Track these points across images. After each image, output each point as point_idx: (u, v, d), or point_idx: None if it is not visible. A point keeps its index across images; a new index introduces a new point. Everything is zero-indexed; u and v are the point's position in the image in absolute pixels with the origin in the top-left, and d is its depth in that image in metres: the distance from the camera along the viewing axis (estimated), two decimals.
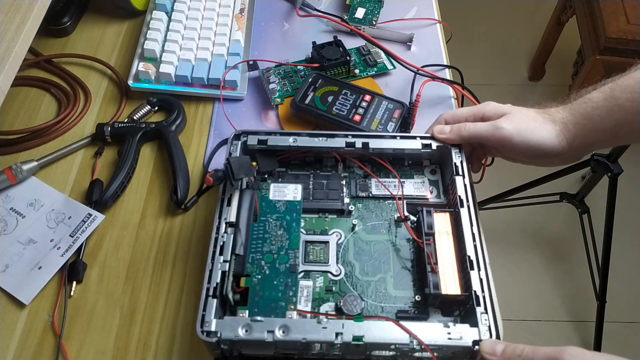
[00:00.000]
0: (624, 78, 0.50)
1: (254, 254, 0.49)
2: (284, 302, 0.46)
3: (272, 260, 0.48)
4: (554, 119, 0.52)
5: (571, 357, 0.37)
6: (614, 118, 0.49)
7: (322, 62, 0.69)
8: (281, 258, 0.48)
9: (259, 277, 0.47)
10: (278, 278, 0.47)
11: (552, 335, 1.35)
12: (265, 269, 0.48)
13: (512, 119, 0.52)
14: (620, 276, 1.37)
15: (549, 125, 0.52)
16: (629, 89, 0.48)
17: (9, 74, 0.52)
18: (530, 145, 0.51)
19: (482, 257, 0.48)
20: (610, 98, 0.49)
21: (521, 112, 0.53)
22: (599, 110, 0.49)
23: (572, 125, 0.51)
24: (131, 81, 0.69)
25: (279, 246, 0.49)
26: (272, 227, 0.50)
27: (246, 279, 0.47)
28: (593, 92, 0.51)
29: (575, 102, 0.52)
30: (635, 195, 1.54)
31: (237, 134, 0.56)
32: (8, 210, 0.60)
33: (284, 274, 0.47)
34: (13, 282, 0.55)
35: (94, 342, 0.52)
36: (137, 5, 0.78)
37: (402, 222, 0.54)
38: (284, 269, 0.48)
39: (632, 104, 0.48)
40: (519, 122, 0.52)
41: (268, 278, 0.47)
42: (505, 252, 1.48)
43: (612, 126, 0.49)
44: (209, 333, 0.43)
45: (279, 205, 0.52)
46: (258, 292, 0.47)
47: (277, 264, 0.48)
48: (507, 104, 0.55)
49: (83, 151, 0.66)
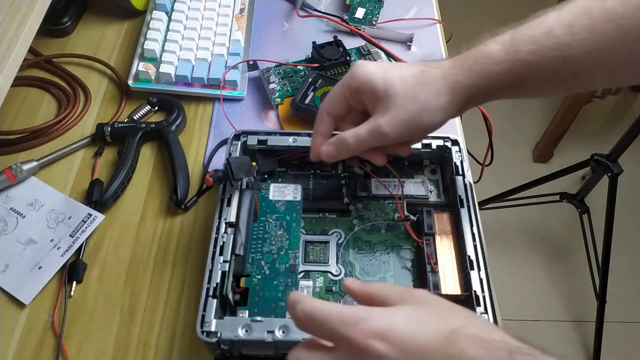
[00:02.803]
0: (526, 27, 0.43)
1: (254, 254, 0.49)
2: (284, 302, 0.46)
3: (272, 260, 0.48)
4: (441, 84, 0.44)
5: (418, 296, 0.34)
6: (515, 75, 0.43)
7: (322, 62, 0.69)
8: (281, 258, 0.48)
9: (258, 277, 0.47)
10: (278, 278, 0.47)
11: (552, 335, 1.35)
12: (265, 269, 0.48)
13: (393, 112, 0.44)
14: (620, 276, 1.37)
15: (435, 99, 0.44)
16: (533, 40, 0.42)
17: (9, 74, 0.52)
18: (416, 135, 0.47)
19: (482, 257, 0.48)
20: (512, 51, 0.42)
21: (401, 96, 0.44)
22: (499, 67, 0.43)
23: (463, 89, 0.44)
24: (131, 81, 0.69)
25: (278, 246, 0.49)
26: (272, 227, 0.50)
27: (246, 279, 0.47)
28: (490, 44, 0.44)
29: (471, 56, 0.44)
30: (635, 195, 1.54)
31: (237, 134, 0.56)
32: (8, 210, 0.60)
33: (284, 274, 0.47)
34: (13, 282, 0.55)
35: (94, 342, 0.52)
36: (137, 5, 0.78)
37: (402, 222, 0.54)
38: (284, 269, 0.48)
39: (536, 58, 0.41)
40: (401, 114, 0.44)
41: (268, 278, 0.47)
42: (505, 252, 1.48)
43: (510, 83, 0.43)
44: (209, 333, 0.43)
45: (278, 206, 0.52)
46: (258, 292, 0.47)
47: (277, 264, 0.48)
48: (380, 66, 0.47)
49: (83, 151, 0.66)
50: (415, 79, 0.45)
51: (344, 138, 0.46)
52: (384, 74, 0.45)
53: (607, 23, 0.40)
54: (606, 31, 0.40)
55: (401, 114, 0.44)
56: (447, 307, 0.34)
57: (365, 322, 0.31)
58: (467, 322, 0.32)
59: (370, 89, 0.45)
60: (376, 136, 0.45)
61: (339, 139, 0.47)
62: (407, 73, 0.45)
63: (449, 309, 0.34)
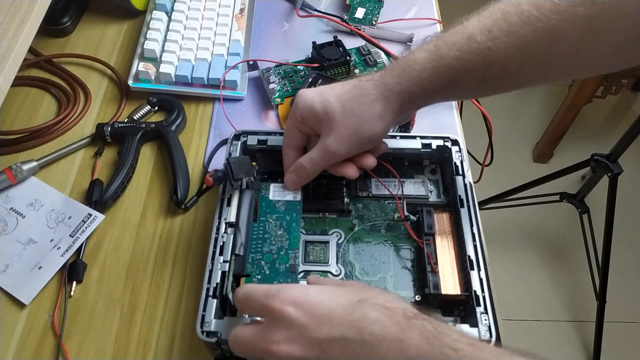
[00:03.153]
0: (448, 34, 0.45)
1: (254, 254, 0.49)
2: None
3: (272, 260, 0.48)
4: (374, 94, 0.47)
5: None
6: (442, 79, 0.45)
7: (322, 62, 0.69)
8: (281, 258, 0.48)
9: (259, 278, 0.47)
10: (278, 278, 0.47)
11: (552, 335, 1.35)
12: (266, 269, 0.48)
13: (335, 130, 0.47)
14: (620, 276, 1.37)
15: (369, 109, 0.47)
16: (456, 47, 0.44)
17: (9, 74, 0.52)
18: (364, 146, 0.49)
19: (482, 257, 0.48)
20: (437, 58, 0.45)
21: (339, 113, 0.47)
22: (426, 73, 0.45)
23: (395, 96, 0.46)
24: (131, 81, 0.69)
25: (278, 246, 0.49)
26: (272, 227, 0.50)
27: (246, 279, 0.47)
28: (417, 52, 0.46)
29: (400, 65, 0.47)
30: (635, 195, 1.54)
31: (237, 134, 0.56)
32: (8, 210, 0.60)
33: (284, 274, 0.47)
34: (13, 282, 0.55)
35: (94, 342, 0.52)
36: (137, 5, 0.78)
37: (402, 222, 0.54)
38: (284, 269, 0.47)
39: (460, 62, 0.44)
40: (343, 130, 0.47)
41: (268, 278, 0.47)
42: (505, 252, 1.48)
43: (440, 87, 0.46)
44: (209, 333, 0.43)
45: (278, 206, 0.52)
46: None
47: (277, 264, 0.48)
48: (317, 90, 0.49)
49: (83, 151, 0.66)
50: (349, 94, 0.47)
51: (300, 164, 0.50)
52: (320, 96, 0.48)
53: (525, 26, 0.42)
54: (525, 34, 0.42)
55: (343, 130, 0.47)
56: (363, 286, 0.39)
57: (283, 292, 0.36)
58: (376, 295, 0.36)
59: (311, 114, 0.48)
60: (327, 155, 0.48)
61: (297, 166, 0.51)
62: (341, 90, 0.48)
63: (365, 287, 0.38)
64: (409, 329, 0.34)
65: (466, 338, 0.34)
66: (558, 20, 0.41)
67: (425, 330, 0.34)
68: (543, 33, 0.41)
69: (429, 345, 0.33)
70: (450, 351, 0.33)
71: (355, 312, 0.35)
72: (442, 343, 0.33)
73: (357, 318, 0.34)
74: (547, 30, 0.41)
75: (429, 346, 0.33)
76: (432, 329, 0.34)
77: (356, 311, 0.35)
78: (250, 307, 0.39)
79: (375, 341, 0.34)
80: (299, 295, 0.36)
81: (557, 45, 0.42)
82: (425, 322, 0.34)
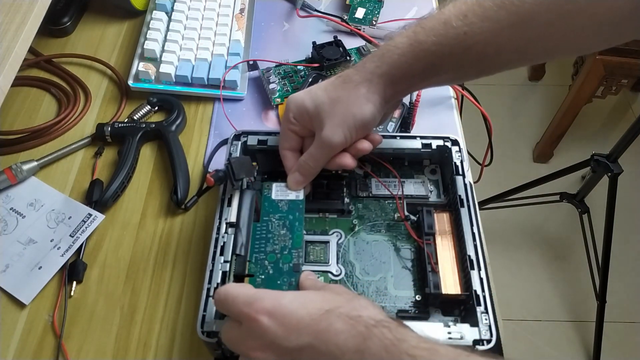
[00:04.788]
0: (427, 20, 0.47)
1: (257, 254, 0.48)
2: None
3: (276, 260, 0.48)
4: (357, 79, 0.48)
5: None
6: (422, 63, 0.46)
7: (322, 62, 0.69)
8: (284, 258, 0.48)
9: (262, 277, 0.47)
10: (282, 278, 0.47)
11: (552, 335, 1.35)
12: (269, 268, 0.47)
13: (328, 121, 0.48)
14: (620, 276, 1.37)
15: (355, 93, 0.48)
16: (434, 32, 0.45)
17: (9, 74, 0.52)
18: (358, 131, 0.49)
19: (482, 256, 0.48)
20: (416, 43, 0.46)
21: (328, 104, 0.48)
22: (406, 57, 0.46)
23: (378, 78, 0.47)
24: (131, 81, 0.69)
25: (282, 246, 0.49)
26: (275, 226, 0.50)
27: (250, 279, 0.47)
28: (397, 38, 0.47)
29: (381, 50, 0.48)
30: (635, 195, 1.54)
31: (237, 134, 0.56)
32: (8, 210, 0.60)
33: (288, 274, 0.47)
34: (13, 282, 0.55)
35: (94, 342, 0.52)
36: (137, 5, 0.78)
37: (402, 222, 0.54)
38: (288, 269, 0.47)
39: (438, 47, 0.45)
40: (334, 118, 0.48)
41: (272, 278, 0.47)
42: (505, 252, 1.48)
43: (421, 71, 0.47)
44: (210, 333, 0.44)
45: (281, 205, 0.52)
46: None
47: (281, 264, 0.47)
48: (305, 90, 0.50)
49: (83, 151, 0.66)
50: (334, 84, 0.49)
51: (303, 162, 0.51)
52: (309, 94, 0.49)
53: (499, 10, 0.42)
54: (500, 18, 0.43)
55: (333, 118, 0.48)
56: (335, 292, 0.40)
57: (259, 301, 0.37)
58: (343, 304, 0.37)
59: (303, 113, 0.50)
60: (325, 146, 0.49)
61: (300, 165, 0.51)
62: (327, 83, 0.50)
63: (336, 294, 0.40)
64: (369, 339, 0.35)
65: (425, 343, 0.34)
66: (532, 4, 0.41)
67: (385, 339, 0.34)
68: (517, 17, 0.42)
69: (387, 354, 0.34)
70: (407, 358, 0.33)
71: (321, 323, 0.36)
72: (400, 350, 0.34)
73: (322, 329, 0.36)
74: (521, 13, 0.42)
75: (387, 355, 0.34)
76: (391, 336, 0.35)
77: (323, 321, 0.36)
78: (228, 310, 0.40)
79: (338, 352, 0.35)
80: (272, 305, 0.37)
81: (533, 29, 0.42)
82: (384, 330, 0.35)
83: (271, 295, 0.38)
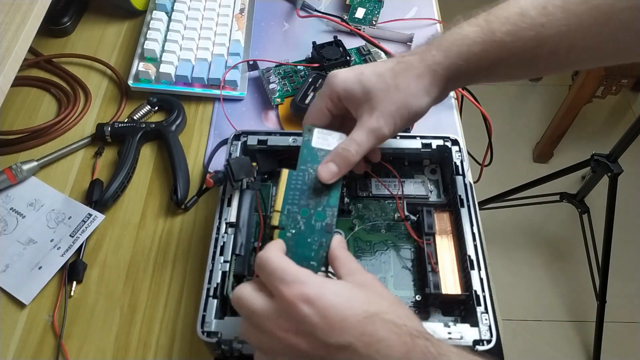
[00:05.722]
0: (499, 9, 0.44)
1: (290, 205, 0.44)
2: (316, 262, 0.42)
3: (309, 215, 0.43)
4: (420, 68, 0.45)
5: None
6: (492, 56, 0.43)
7: (322, 62, 0.69)
8: (318, 215, 0.44)
9: (293, 232, 0.43)
10: (313, 236, 0.43)
11: (552, 335, 1.35)
12: (301, 224, 0.43)
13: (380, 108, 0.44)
14: (620, 276, 1.37)
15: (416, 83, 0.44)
16: (509, 22, 0.42)
17: (9, 74, 0.52)
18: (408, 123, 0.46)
19: (483, 256, 0.48)
20: (489, 32, 0.43)
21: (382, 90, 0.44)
22: (476, 48, 0.43)
23: (443, 70, 0.44)
24: (131, 81, 0.69)
25: (316, 201, 0.44)
26: (312, 178, 0.45)
27: (279, 232, 0.43)
28: (466, 27, 0.44)
29: (447, 39, 0.45)
30: (635, 195, 1.54)
31: (237, 134, 0.56)
32: (8, 210, 0.60)
33: (319, 233, 0.43)
34: (13, 282, 0.55)
35: (94, 342, 0.52)
36: (137, 5, 0.78)
37: (402, 221, 0.54)
38: (320, 227, 0.43)
39: (511, 39, 0.42)
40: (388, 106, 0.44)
41: (302, 235, 0.43)
42: (505, 252, 1.48)
43: (488, 65, 0.44)
44: (210, 333, 0.44)
45: (321, 155, 0.46)
46: (291, 248, 0.42)
47: (313, 221, 0.43)
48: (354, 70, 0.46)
49: (83, 151, 0.66)
50: (393, 71, 0.45)
51: (342, 149, 0.45)
52: (360, 76, 0.45)
53: (581, 4, 0.40)
54: (580, 11, 0.40)
55: (388, 106, 0.44)
56: (378, 293, 0.38)
57: (299, 285, 0.35)
58: (389, 309, 0.36)
59: (350, 94, 0.45)
60: (373, 135, 0.44)
61: (337, 154, 0.45)
62: (383, 68, 0.45)
63: (379, 296, 0.37)
64: (412, 351, 0.34)
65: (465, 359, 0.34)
66: None
67: (428, 352, 0.34)
68: (599, 11, 0.40)
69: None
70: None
71: (367, 327, 0.34)
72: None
73: (367, 332, 0.34)
74: (603, 8, 0.40)
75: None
76: (434, 350, 0.34)
77: (368, 325, 0.34)
78: (263, 276, 0.37)
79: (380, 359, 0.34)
80: (314, 294, 0.35)
81: (611, 25, 0.40)
82: (427, 344, 0.34)
83: (314, 281, 0.36)
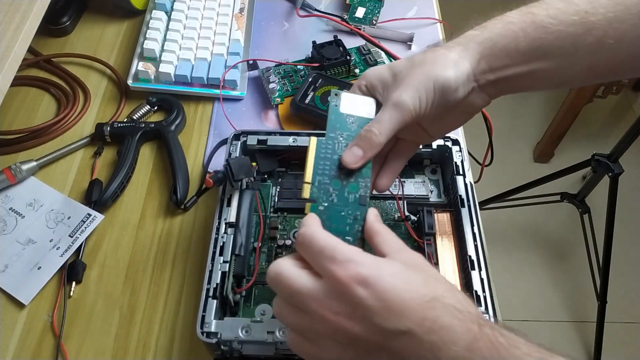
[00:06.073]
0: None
1: (321, 176, 0.41)
2: (352, 237, 0.40)
3: (341, 187, 0.41)
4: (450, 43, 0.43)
5: None
6: (530, 38, 0.40)
7: (322, 61, 0.69)
8: (351, 186, 0.41)
9: (325, 205, 0.40)
10: (347, 209, 0.40)
11: (552, 335, 1.35)
12: (334, 196, 0.41)
13: (404, 82, 0.41)
14: (621, 276, 1.37)
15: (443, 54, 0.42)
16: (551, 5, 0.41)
17: (9, 73, 0.52)
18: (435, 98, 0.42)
19: (483, 256, 0.48)
20: (529, 14, 0.41)
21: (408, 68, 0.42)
22: (514, 26, 0.41)
23: (475, 45, 0.41)
24: (131, 81, 0.69)
25: (348, 171, 0.41)
26: (342, 147, 0.42)
27: (311, 205, 0.40)
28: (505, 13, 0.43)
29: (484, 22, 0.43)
30: (636, 195, 1.54)
31: (236, 134, 0.56)
32: (7, 210, 0.60)
33: (353, 206, 0.41)
34: (12, 282, 0.55)
35: (94, 343, 0.52)
36: (136, 4, 0.77)
37: (402, 222, 0.54)
38: (353, 200, 0.41)
39: (553, 22, 0.39)
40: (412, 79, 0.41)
41: (335, 208, 0.40)
42: (506, 252, 1.48)
43: (526, 48, 0.40)
44: (209, 334, 0.43)
45: (350, 122, 0.43)
46: (324, 222, 0.39)
47: (346, 193, 0.41)
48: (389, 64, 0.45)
49: (82, 151, 0.66)
50: (423, 54, 0.43)
51: (366, 130, 0.41)
52: (391, 65, 0.44)
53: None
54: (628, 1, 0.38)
55: (412, 79, 0.41)
56: (433, 275, 0.35)
57: (354, 265, 0.32)
58: (447, 293, 0.33)
59: (379, 80, 0.43)
60: (394, 111, 0.41)
61: (360, 136, 0.41)
62: (414, 55, 0.44)
63: (435, 278, 0.35)
64: (480, 339, 0.31)
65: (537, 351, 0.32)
66: None
67: (497, 342, 0.31)
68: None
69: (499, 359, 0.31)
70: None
71: (428, 312, 0.32)
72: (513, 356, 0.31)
73: (429, 318, 0.31)
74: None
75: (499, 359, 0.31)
76: (503, 340, 0.31)
77: (429, 310, 0.32)
78: (310, 258, 0.34)
79: (443, 346, 0.31)
80: (370, 275, 0.32)
81: None
82: (496, 333, 0.32)
83: (369, 261, 0.33)
